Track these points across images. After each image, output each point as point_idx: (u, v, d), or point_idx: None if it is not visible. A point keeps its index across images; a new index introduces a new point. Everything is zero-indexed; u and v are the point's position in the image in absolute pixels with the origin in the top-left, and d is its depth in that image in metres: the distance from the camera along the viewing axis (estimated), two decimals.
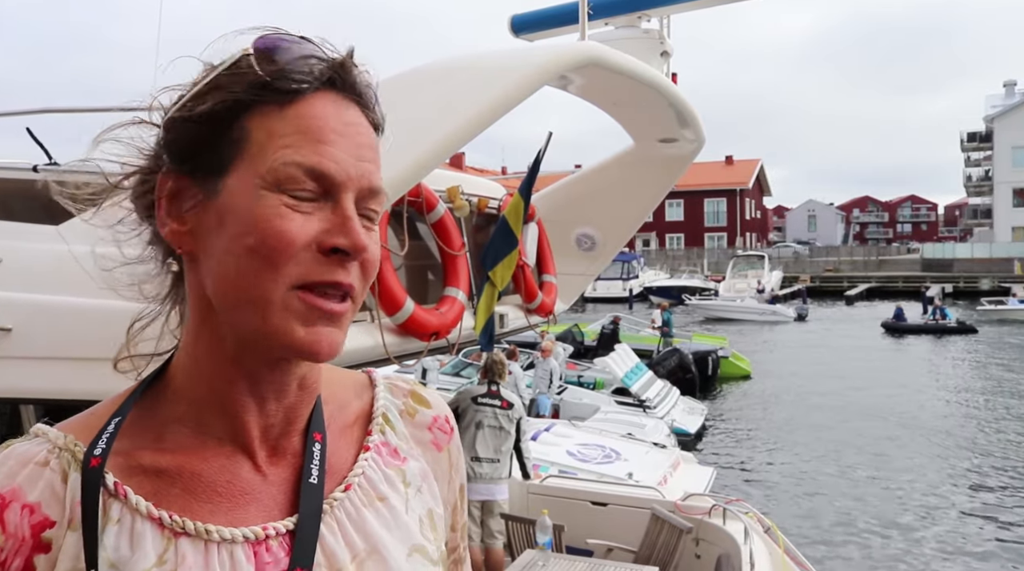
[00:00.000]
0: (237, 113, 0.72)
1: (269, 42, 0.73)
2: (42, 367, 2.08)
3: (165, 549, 0.71)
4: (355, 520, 0.79)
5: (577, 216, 4.32)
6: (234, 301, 0.72)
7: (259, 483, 0.77)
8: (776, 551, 4.92)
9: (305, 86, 0.72)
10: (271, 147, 0.71)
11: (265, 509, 0.76)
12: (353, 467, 0.83)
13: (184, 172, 0.74)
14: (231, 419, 0.77)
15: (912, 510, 10.08)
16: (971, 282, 42.78)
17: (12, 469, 0.72)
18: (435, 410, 0.94)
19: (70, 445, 0.73)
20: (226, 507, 0.74)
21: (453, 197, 3.07)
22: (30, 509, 0.70)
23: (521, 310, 3.73)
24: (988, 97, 63.82)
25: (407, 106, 2.28)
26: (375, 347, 2.38)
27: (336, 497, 0.79)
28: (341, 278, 0.71)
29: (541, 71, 2.38)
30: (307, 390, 0.81)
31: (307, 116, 0.72)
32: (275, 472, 0.78)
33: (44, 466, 0.72)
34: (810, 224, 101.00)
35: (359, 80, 0.76)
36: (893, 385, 18.14)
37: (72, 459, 0.72)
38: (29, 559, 0.69)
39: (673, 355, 17.11)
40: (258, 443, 0.78)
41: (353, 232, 0.71)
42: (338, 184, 0.71)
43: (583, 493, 6.02)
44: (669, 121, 3.50)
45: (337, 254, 0.71)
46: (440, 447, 0.93)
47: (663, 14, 3.47)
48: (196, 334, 0.77)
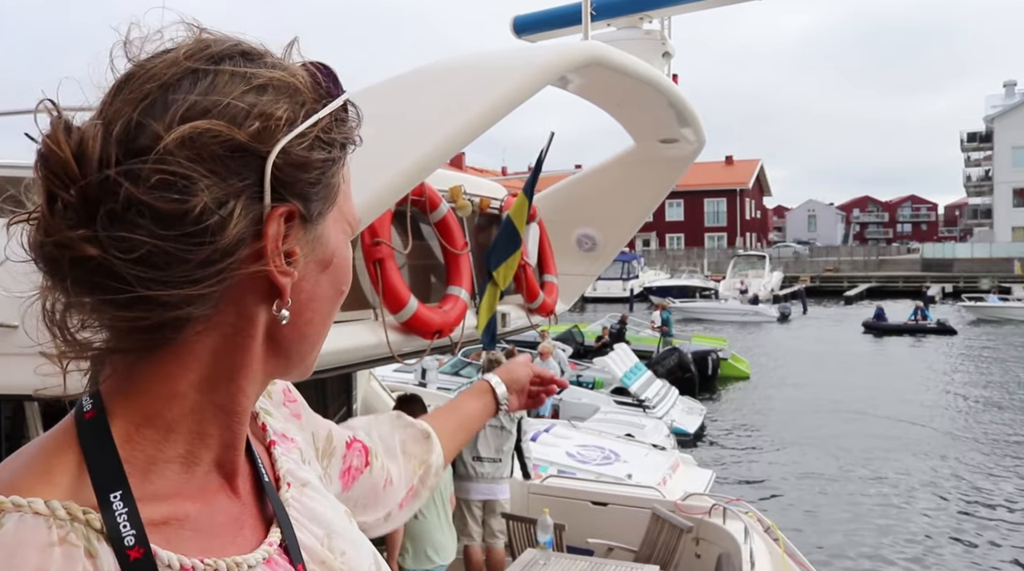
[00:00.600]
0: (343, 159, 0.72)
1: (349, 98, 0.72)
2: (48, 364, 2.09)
3: None
4: (304, 511, 0.82)
5: (578, 216, 4.33)
6: (315, 344, 0.75)
7: (239, 505, 0.75)
8: (776, 550, 4.93)
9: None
10: (345, 193, 0.74)
11: (252, 528, 0.75)
12: (274, 465, 0.84)
13: (297, 211, 0.66)
14: (231, 450, 0.73)
15: (910, 508, 10.11)
16: (971, 282, 42.79)
17: (28, 557, 0.57)
18: (279, 384, 0.95)
19: (83, 515, 0.60)
20: (231, 537, 0.72)
21: (456, 197, 3.09)
22: None
23: (523, 310, 3.75)
24: (988, 97, 63.88)
25: (410, 106, 2.29)
26: (379, 345, 2.40)
27: (283, 498, 0.81)
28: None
29: (544, 71, 2.39)
30: None
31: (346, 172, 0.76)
32: (245, 489, 0.77)
33: (63, 543, 0.58)
34: (810, 224, 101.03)
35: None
36: (885, 385, 18.22)
37: (89, 530, 0.60)
38: None
39: (672, 355, 17.14)
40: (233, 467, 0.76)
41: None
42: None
43: (584, 493, 6.03)
44: (670, 121, 3.51)
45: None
46: (299, 416, 0.96)
47: (665, 15, 3.48)
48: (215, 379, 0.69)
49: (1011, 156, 56.55)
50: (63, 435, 0.66)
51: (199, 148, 0.60)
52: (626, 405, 12.94)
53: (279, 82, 0.66)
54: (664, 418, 12.47)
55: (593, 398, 13.52)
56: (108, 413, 0.66)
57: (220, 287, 0.63)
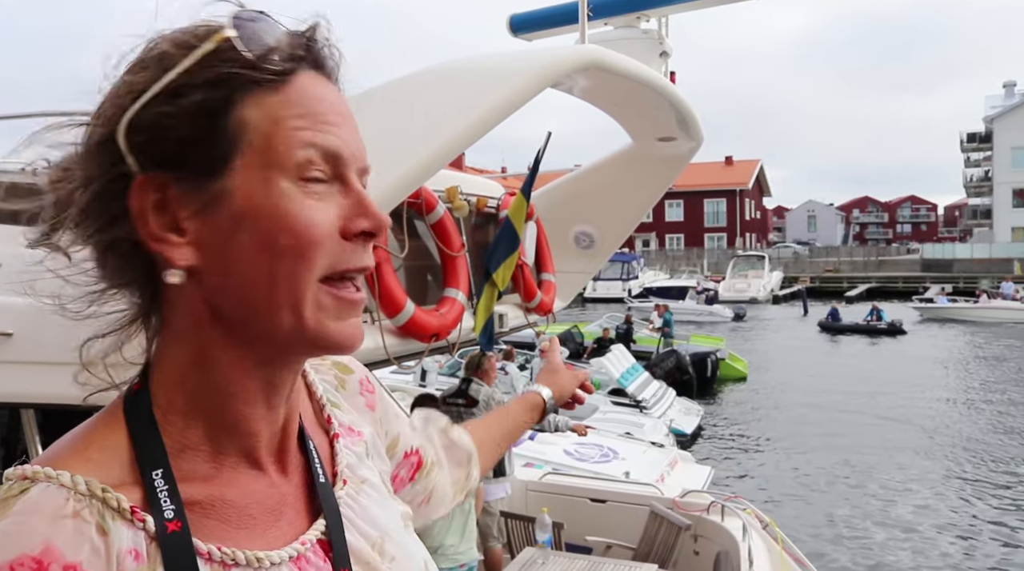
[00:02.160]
0: (228, 103, 0.64)
1: (248, 19, 0.66)
2: (44, 372, 2.09)
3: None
4: (359, 511, 0.80)
5: (575, 214, 4.33)
6: (267, 308, 0.66)
7: (279, 497, 0.74)
8: (775, 547, 4.93)
9: (299, 64, 0.68)
10: (280, 133, 0.65)
11: (291, 522, 0.74)
12: (334, 459, 0.82)
13: (171, 177, 0.65)
14: (246, 436, 0.72)
15: (907, 505, 10.13)
16: (971, 282, 42.75)
17: (42, 527, 0.59)
18: (357, 373, 0.96)
19: (100, 491, 0.63)
20: (261, 529, 0.71)
21: (452, 197, 3.08)
22: (73, 569, 0.59)
23: (520, 309, 3.74)
24: (988, 98, 63.84)
25: (410, 110, 2.29)
26: (376, 349, 2.40)
27: (338, 495, 0.79)
28: (368, 262, 0.70)
29: (543, 74, 2.39)
30: (296, 392, 0.78)
31: (308, 98, 0.67)
32: (286, 482, 0.76)
33: (76, 518, 0.61)
34: (810, 224, 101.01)
35: (331, 56, 0.72)
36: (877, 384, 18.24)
37: (106, 507, 0.62)
38: None
39: (670, 356, 17.14)
40: (268, 456, 0.74)
41: (375, 212, 0.68)
42: (347, 164, 0.69)
43: (582, 490, 6.03)
44: (668, 120, 3.51)
45: (361, 237, 0.69)
46: (373, 407, 0.95)
47: (662, 14, 3.49)
48: (196, 358, 0.69)
49: (1011, 157, 56.53)
50: (113, 412, 0.70)
51: (83, 146, 0.68)
52: (624, 405, 12.94)
53: (156, 54, 0.66)
54: (661, 419, 12.46)
55: (591, 398, 13.46)
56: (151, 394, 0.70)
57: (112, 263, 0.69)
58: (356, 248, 0.68)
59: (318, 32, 0.70)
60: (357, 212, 0.68)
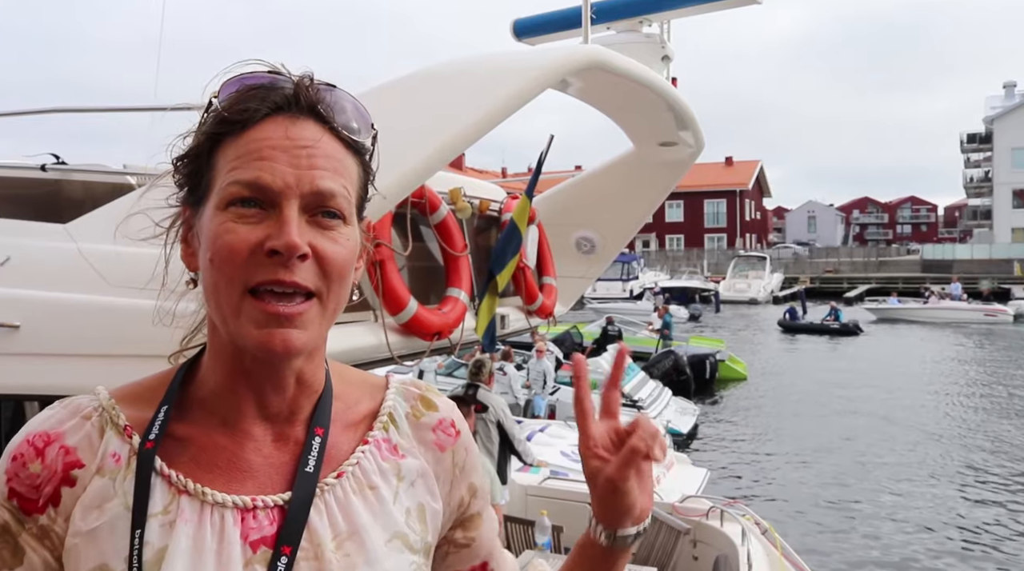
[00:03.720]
0: (211, 148, 0.84)
1: (233, 82, 0.85)
2: (49, 364, 2.11)
3: (170, 501, 0.83)
4: (342, 504, 0.88)
5: (577, 219, 4.34)
6: (213, 309, 0.84)
7: (258, 463, 0.88)
8: (773, 553, 4.94)
9: (254, 114, 0.82)
10: (224, 172, 0.82)
11: (260, 485, 0.87)
12: (350, 457, 0.92)
13: (189, 203, 0.88)
14: (236, 405, 0.89)
15: (907, 508, 10.14)
16: (971, 283, 42.77)
17: (63, 417, 0.88)
18: (441, 413, 1.01)
19: (111, 408, 0.88)
20: (224, 479, 0.86)
21: (455, 199, 3.10)
22: (66, 450, 0.85)
23: (521, 311, 3.76)
24: (988, 98, 63.86)
25: (411, 109, 2.31)
26: (379, 346, 2.41)
27: (328, 482, 0.88)
28: (282, 276, 0.80)
29: (545, 74, 2.40)
30: (306, 385, 0.91)
31: (253, 139, 0.82)
32: (276, 455, 0.89)
33: (87, 420, 0.87)
34: (810, 225, 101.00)
35: (316, 99, 0.85)
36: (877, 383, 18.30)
37: (109, 420, 0.88)
38: (58, 488, 0.84)
39: (668, 357, 17.14)
40: (260, 430, 0.89)
41: (285, 234, 0.79)
42: (277, 192, 0.80)
43: (582, 494, 6.03)
44: (669, 125, 3.52)
45: (277, 255, 0.79)
46: (443, 448, 0.99)
47: (664, 19, 3.50)
48: (210, 335, 0.90)
49: (1011, 157, 56.56)
50: (178, 365, 0.93)
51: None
52: (620, 405, 12.93)
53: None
54: (657, 419, 12.48)
55: None
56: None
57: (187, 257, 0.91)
58: (274, 265, 0.79)
59: (305, 81, 0.85)
60: (274, 234, 0.79)
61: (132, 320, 2.01)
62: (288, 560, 0.82)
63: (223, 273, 0.80)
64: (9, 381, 2.12)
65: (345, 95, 0.88)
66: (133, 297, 2.03)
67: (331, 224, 0.83)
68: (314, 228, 0.82)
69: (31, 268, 2.19)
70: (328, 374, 0.95)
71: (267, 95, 0.83)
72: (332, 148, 0.84)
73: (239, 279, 0.80)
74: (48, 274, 2.17)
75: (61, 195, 2.74)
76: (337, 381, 0.96)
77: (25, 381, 2.12)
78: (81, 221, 2.25)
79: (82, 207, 2.35)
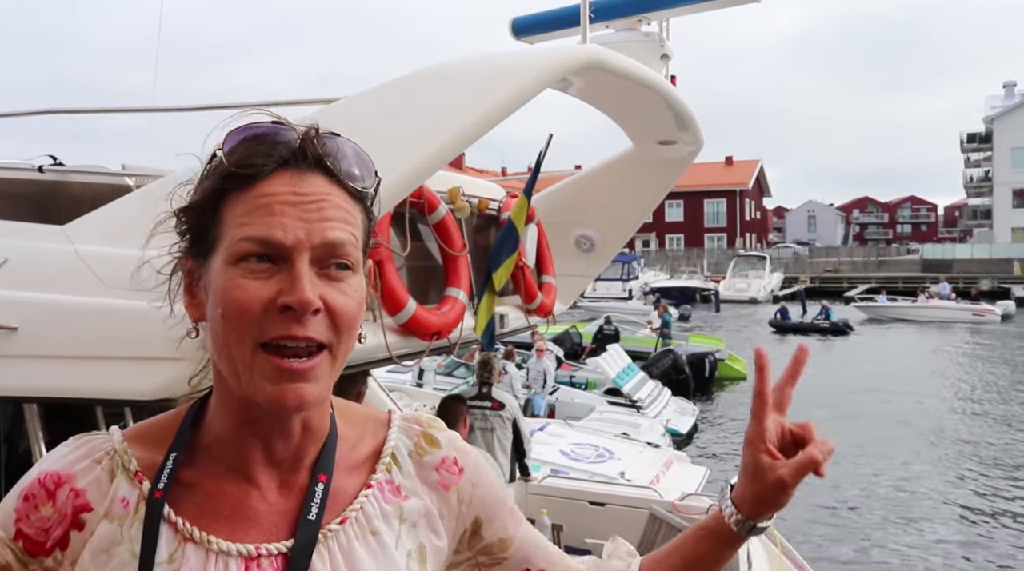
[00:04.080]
0: (216, 201, 0.84)
1: (236, 134, 0.85)
2: (47, 366, 2.10)
3: (175, 549, 0.84)
4: (345, 551, 0.88)
5: (576, 217, 4.34)
6: (223, 364, 0.84)
7: (263, 511, 0.88)
8: (773, 551, 4.94)
9: (261, 169, 0.82)
10: (233, 227, 0.82)
11: (265, 533, 0.87)
12: (353, 502, 0.92)
13: (193, 255, 0.88)
14: (241, 456, 0.89)
15: (906, 505, 10.14)
16: (971, 283, 42.77)
17: (75, 459, 0.89)
18: (444, 451, 1.01)
19: (123, 453, 0.89)
20: (229, 526, 0.86)
21: (454, 198, 3.09)
22: (75, 493, 0.86)
23: (521, 311, 3.76)
24: (988, 98, 63.87)
25: (410, 108, 2.30)
26: (378, 347, 2.41)
27: (332, 529, 0.89)
28: (296, 332, 0.80)
29: (544, 74, 2.40)
30: (312, 431, 0.91)
31: (261, 195, 0.82)
32: (281, 502, 0.89)
33: (98, 463, 0.88)
34: (810, 225, 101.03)
35: (321, 151, 0.85)
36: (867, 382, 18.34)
37: (120, 464, 0.89)
38: (67, 531, 0.85)
39: (667, 357, 17.11)
40: (266, 477, 0.90)
41: (298, 290, 0.79)
42: (288, 248, 0.80)
43: (581, 493, 6.04)
44: (668, 123, 3.52)
45: (290, 311, 0.79)
46: (447, 487, 0.99)
47: (663, 17, 3.49)
48: (217, 385, 0.90)
49: (1011, 157, 56.55)
50: (188, 407, 0.94)
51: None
52: (619, 405, 12.95)
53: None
54: (657, 418, 12.47)
55: (587, 398, 13.53)
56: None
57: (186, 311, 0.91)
58: (287, 320, 0.79)
59: (310, 134, 0.85)
60: (287, 290, 0.79)
61: (130, 322, 2.01)
62: None
63: (235, 329, 0.80)
64: (7, 383, 2.12)
65: (348, 143, 0.88)
66: (131, 299, 2.03)
67: (341, 276, 0.83)
68: (324, 281, 0.82)
69: (29, 270, 2.18)
70: (333, 418, 0.96)
71: (273, 149, 0.83)
72: (340, 199, 0.85)
73: (251, 335, 0.80)
74: (46, 276, 2.16)
75: (59, 196, 2.74)
76: (340, 422, 0.97)
77: (23, 383, 2.12)
78: (79, 222, 2.24)
79: (80, 208, 2.35)
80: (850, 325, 29.13)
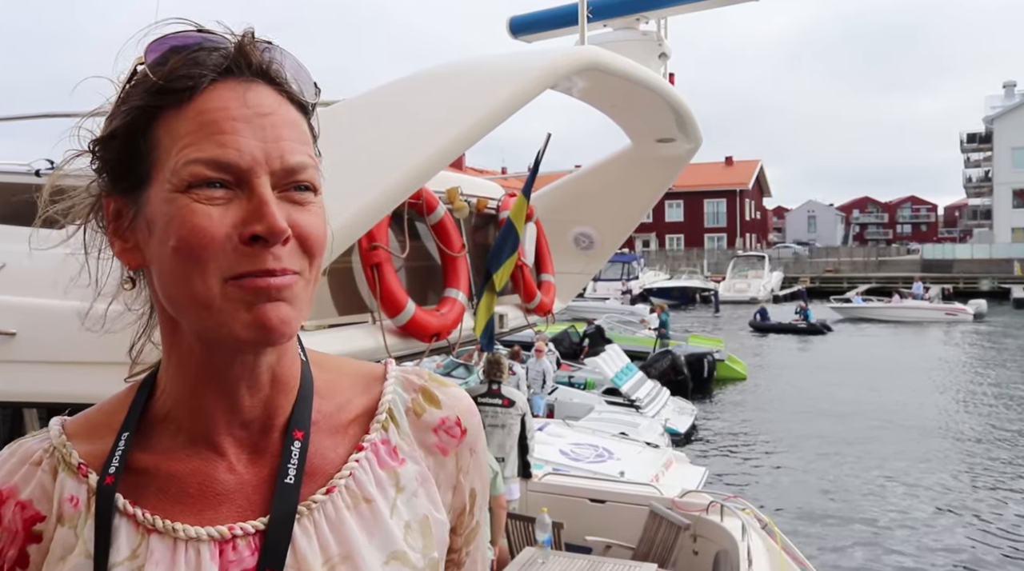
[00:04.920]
0: (146, 124, 0.72)
1: (160, 45, 0.72)
2: (46, 371, 2.10)
3: (138, 544, 0.74)
4: (334, 523, 0.78)
5: (575, 215, 4.34)
6: (180, 305, 0.72)
7: (233, 484, 0.77)
8: (774, 547, 4.94)
9: (199, 81, 0.71)
10: (174, 150, 0.70)
11: (238, 509, 0.76)
12: (342, 468, 0.80)
13: (118, 191, 0.75)
14: (205, 420, 0.78)
15: (906, 502, 10.15)
16: (971, 283, 42.77)
17: (12, 467, 0.78)
18: (444, 411, 0.88)
19: (61, 447, 0.79)
20: (197, 507, 0.76)
21: (452, 198, 3.09)
22: (21, 506, 0.77)
23: (520, 310, 3.75)
24: (988, 98, 63.82)
25: (410, 111, 2.30)
26: (377, 349, 2.40)
27: (316, 499, 0.78)
28: (270, 265, 0.70)
29: (543, 75, 2.40)
30: (281, 383, 0.80)
31: (204, 110, 0.70)
32: (253, 472, 0.78)
33: (37, 466, 0.78)
34: (810, 225, 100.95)
35: (263, 59, 0.74)
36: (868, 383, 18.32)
37: (61, 460, 0.78)
38: (23, 549, 0.76)
39: (665, 356, 17.10)
40: (234, 443, 0.78)
41: (268, 216, 0.69)
42: (245, 170, 0.70)
43: (582, 491, 6.04)
44: (667, 122, 3.52)
45: (259, 241, 0.69)
46: (446, 451, 0.87)
47: (661, 16, 3.50)
48: (168, 341, 0.79)
49: (1011, 157, 56.51)
50: (136, 385, 0.83)
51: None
52: (618, 405, 12.96)
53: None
54: (655, 418, 12.47)
55: (586, 398, 13.53)
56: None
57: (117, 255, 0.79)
58: (256, 252, 0.69)
59: (248, 40, 0.74)
60: (253, 217, 0.69)
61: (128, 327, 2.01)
62: None
63: (196, 261, 0.69)
64: (6, 387, 2.11)
65: (286, 51, 0.77)
66: None
67: (304, 198, 0.73)
68: (288, 204, 0.72)
69: (26, 275, 2.18)
70: (308, 368, 0.84)
71: (207, 58, 0.72)
72: (291, 114, 0.75)
73: (215, 267, 0.69)
74: (44, 281, 2.16)
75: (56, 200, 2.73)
76: (321, 375, 0.85)
77: (22, 388, 2.11)
78: None
79: None
80: (828, 325, 29.37)
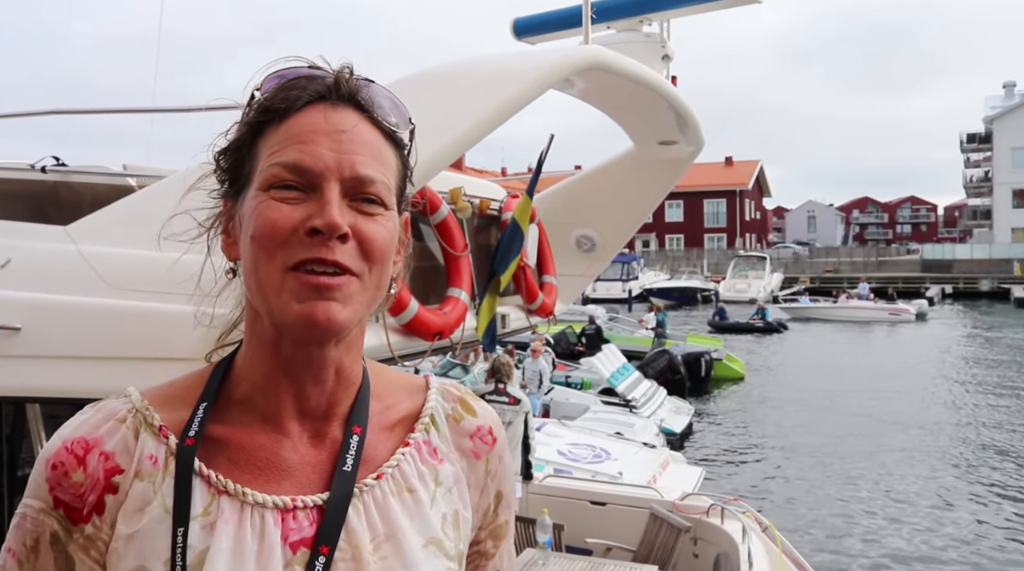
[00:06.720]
0: (251, 138, 0.86)
1: (273, 76, 0.88)
2: (50, 366, 2.11)
3: (210, 502, 0.83)
4: (381, 506, 0.88)
5: (577, 217, 4.34)
6: (253, 290, 0.84)
7: (296, 462, 0.88)
8: (774, 550, 4.94)
9: (294, 102, 0.84)
10: (266, 157, 0.84)
11: (298, 485, 0.86)
12: (389, 459, 0.91)
13: (230, 195, 0.90)
14: (275, 403, 0.88)
15: (905, 503, 10.16)
16: (971, 283, 42.82)
17: (98, 421, 0.87)
18: (480, 420, 1.01)
19: (144, 410, 0.88)
20: (263, 479, 0.86)
21: (455, 198, 3.10)
22: (105, 456, 0.85)
23: (522, 311, 3.76)
24: (988, 98, 63.83)
25: (414, 110, 2.30)
26: (380, 347, 2.41)
27: (367, 483, 0.88)
28: (324, 255, 0.80)
29: (546, 75, 2.41)
30: (345, 379, 0.91)
31: (294, 125, 0.84)
32: (313, 454, 0.89)
33: (121, 423, 0.87)
34: (810, 225, 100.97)
35: (354, 88, 0.87)
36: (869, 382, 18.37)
37: (144, 421, 0.87)
38: (101, 496, 0.84)
39: (662, 356, 17.10)
40: (298, 427, 0.89)
41: (327, 214, 0.80)
42: (317, 174, 0.81)
43: (582, 493, 6.05)
44: (669, 124, 3.52)
45: (318, 234, 0.80)
46: (478, 456, 0.99)
47: (664, 18, 3.50)
48: (249, 327, 0.90)
49: (1010, 157, 56.54)
50: (217, 363, 0.93)
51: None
52: (614, 405, 12.96)
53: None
54: (651, 418, 12.47)
55: (581, 398, 13.55)
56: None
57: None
58: (315, 243, 0.80)
59: (344, 72, 0.88)
60: (316, 213, 0.80)
61: (133, 322, 2.02)
62: (326, 560, 0.82)
63: (264, 249, 0.81)
64: (10, 383, 2.12)
65: (383, 90, 0.90)
66: (134, 299, 2.03)
67: (371, 209, 0.84)
68: (355, 212, 0.83)
69: (32, 270, 2.19)
70: (365, 371, 0.95)
71: (308, 84, 0.85)
72: (371, 135, 0.86)
73: (280, 256, 0.80)
74: (49, 276, 2.17)
75: (61, 197, 2.74)
76: (375, 379, 0.96)
77: (26, 383, 2.12)
78: (82, 223, 2.25)
79: (82, 209, 2.35)
80: (784, 324, 30.14)
